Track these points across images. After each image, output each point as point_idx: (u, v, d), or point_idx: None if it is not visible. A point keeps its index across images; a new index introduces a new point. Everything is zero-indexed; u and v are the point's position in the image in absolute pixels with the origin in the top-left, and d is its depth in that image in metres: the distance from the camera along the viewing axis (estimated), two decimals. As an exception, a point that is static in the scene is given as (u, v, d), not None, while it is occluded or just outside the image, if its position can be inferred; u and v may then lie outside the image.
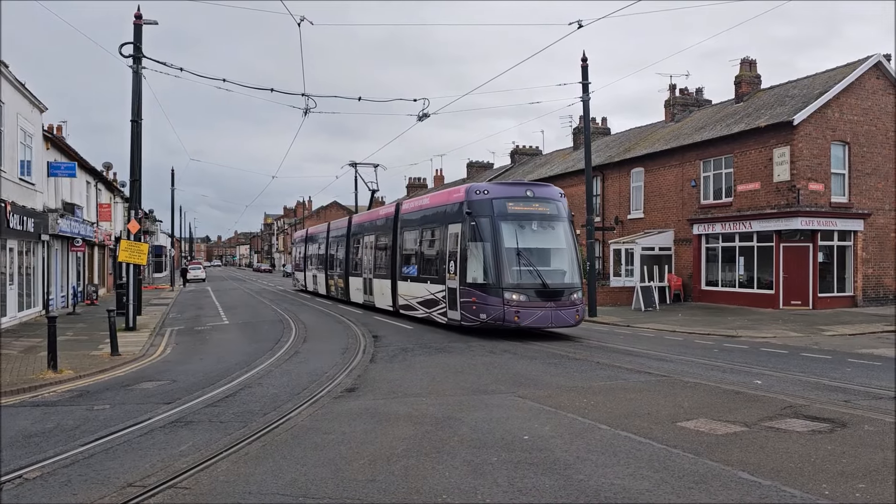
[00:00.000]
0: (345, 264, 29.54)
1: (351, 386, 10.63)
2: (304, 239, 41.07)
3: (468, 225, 16.76)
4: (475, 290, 16.47)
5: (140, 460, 6.76)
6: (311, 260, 38.67)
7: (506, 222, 16.43)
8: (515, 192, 17.19)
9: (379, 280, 24.21)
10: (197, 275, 64.11)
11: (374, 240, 25.06)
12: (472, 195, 17.11)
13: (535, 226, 16.82)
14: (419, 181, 63.50)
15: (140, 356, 14.63)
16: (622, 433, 7.51)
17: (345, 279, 29.44)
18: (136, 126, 19.14)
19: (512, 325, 15.77)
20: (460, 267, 17.01)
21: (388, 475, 6.12)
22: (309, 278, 38.96)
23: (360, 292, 26.86)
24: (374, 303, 24.77)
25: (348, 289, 28.88)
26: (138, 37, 18.69)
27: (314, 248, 37.38)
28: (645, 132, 34.60)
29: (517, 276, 16.04)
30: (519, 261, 16.12)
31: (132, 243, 18.77)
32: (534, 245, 16.67)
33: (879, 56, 25.15)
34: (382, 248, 24.07)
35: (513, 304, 15.76)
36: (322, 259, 34.97)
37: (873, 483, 5.77)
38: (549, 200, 17.27)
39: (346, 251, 29.33)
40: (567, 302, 16.23)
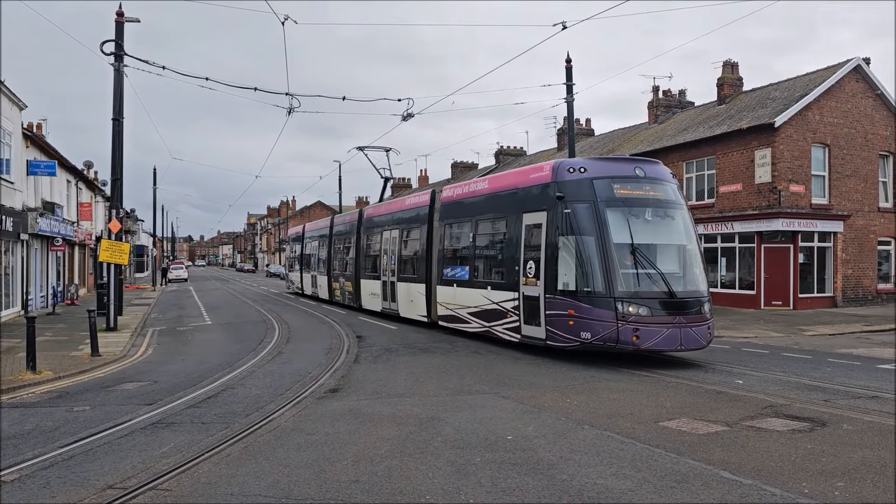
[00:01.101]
0: (354, 265, 25.49)
1: (334, 386, 10.59)
2: (301, 237, 36.81)
3: (559, 213, 12.91)
4: (572, 299, 12.47)
5: (120, 462, 6.70)
6: (308, 260, 34.64)
7: (614, 210, 12.61)
8: (622, 169, 13.28)
9: (406, 284, 20.30)
10: (179, 275, 63.82)
11: (397, 236, 21.10)
12: (564, 174, 13.16)
13: (649, 215, 12.96)
14: (404, 181, 63.42)
15: (121, 357, 14.49)
16: (605, 433, 7.55)
17: (354, 282, 25.34)
18: (118, 124, 18.95)
19: (628, 346, 11.86)
20: (546, 269, 13.12)
21: (372, 476, 6.11)
22: (306, 280, 34.88)
23: (375, 298, 22.89)
24: (399, 311, 20.84)
25: (359, 293, 24.82)
26: (120, 34, 18.52)
27: (313, 246, 33.45)
28: (628, 133, 34.80)
29: (634, 281, 12.33)
30: (636, 261, 12.43)
31: (113, 243, 18.60)
32: (651, 240, 12.82)
33: (859, 60, 25.48)
34: (411, 245, 20.37)
35: (630, 318, 11.84)
36: (323, 259, 30.95)
37: (852, 481, 5.84)
38: (663, 182, 13.36)
39: (355, 249, 25.46)
40: (698, 316, 12.34)
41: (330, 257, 29.58)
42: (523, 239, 14.04)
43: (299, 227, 39.42)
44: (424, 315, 19.03)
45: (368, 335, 17.65)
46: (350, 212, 28.41)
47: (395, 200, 23.44)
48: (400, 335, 17.57)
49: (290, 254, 41.20)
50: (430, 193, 19.38)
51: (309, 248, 34.56)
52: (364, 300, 24.36)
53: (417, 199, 20.56)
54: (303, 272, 35.82)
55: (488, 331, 15.49)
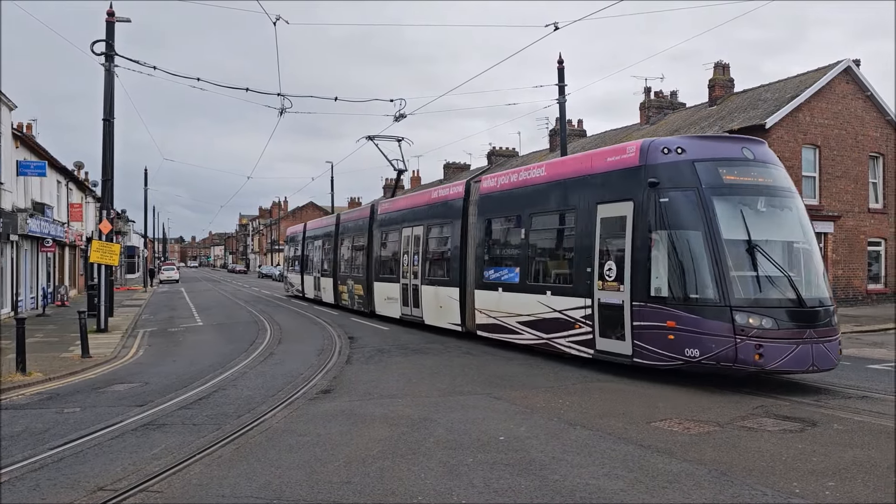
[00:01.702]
0: (366, 266, 22.97)
1: (326, 387, 10.57)
2: (301, 236, 34.16)
3: (652, 203, 10.78)
4: (672, 308, 10.36)
5: (111, 464, 6.66)
6: (310, 261, 32.14)
7: (723, 199, 10.58)
8: (727, 150, 11.22)
9: (433, 288, 17.99)
10: (170, 276, 63.91)
11: (421, 233, 18.75)
12: (657, 155, 11.02)
13: (762, 205, 10.78)
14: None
15: (112, 358, 14.42)
16: (597, 433, 7.56)
17: (366, 285, 22.92)
18: (109, 125, 18.86)
19: (749, 366, 9.67)
20: (634, 271, 10.93)
21: (364, 477, 6.09)
22: (308, 283, 32.41)
23: (392, 303, 20.50)
24: (423, 318, 18.50)
25: (371, 298, 22.46)
26: (111, 34, 18.45)
27: (315, 246, 30.99)
28: (620, 134, 34.88)
29: (754, 286, 10.16)
30: (754, 262, 10.20)
31: (104, 244, 18.52)
32: (767, 236, 10.57)
33: (849, 61, 25.62)
34: (440, 243, 18.18)
35: (751, 332, 9.65)
36: (328, 260, 28.60)
37: (843, 481, 5.87)
38: (773, 165, 11.33)
39: (367, 249, 22.99)
40: (829, 329, 10.22)
41: (336, 258, 27.19)
42: (598, 235, 11.84)
43: (299, 226, 36.77)
44: (457, 323, 16.78)
45: (360, 336, 17.62)
46: (359, 208, 26.66)
47: (418, 193, 20.87)
48: (392, 336, 17.55)
49: (289, 254, 38.43)
50: (463, 184, 17.26)
51: (311, 248, 32.23)
52: (378, 305, 22.01)
53: (448, 191, 18.14)
54: (304, 274, 33.51)
55: (546, 343, 13.20)
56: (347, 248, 25.99)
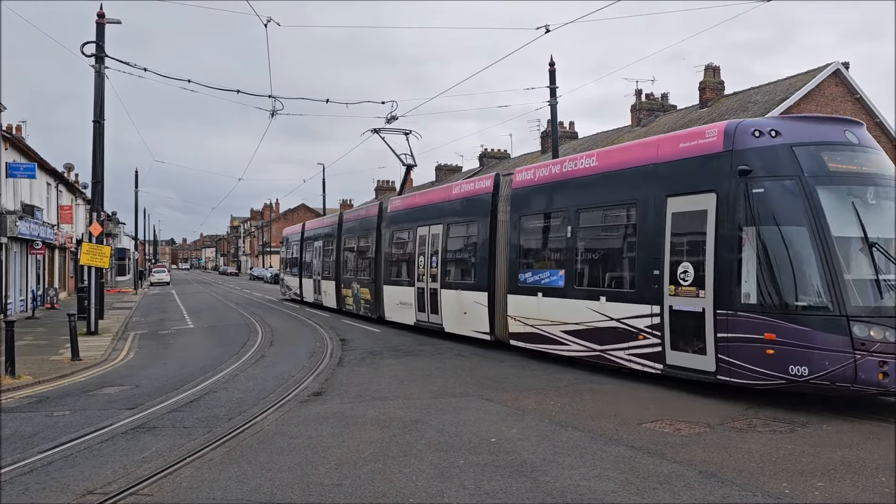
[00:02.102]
0: (374, 268, 21.19)
1: (318, 390, 10.55)
2: (300, 237, 31.94)
3: (741, 194, 9.36)
4: (771, 318, 8.90)
5: (101, 467, 6.63)
6: (310, 262, 30.01)
7: (829, 190, 9.17)
8: (829, 133, 9.75)
9: (455, 292, 16.33)
10: (161, 278, 63.77)
11: (440, 232, 17.09)
12: (748, 139, 9.55)
13: (871, 197, 9.31)
14: (388, 184, 63.33)
15: (102, 361, 14.36)
16: (588, 435, 7.58)
17: (374, 289, 21.10)
18: (99, 127, 18.80)
19: (871, 387, 8.34)
20: (719, 274, 9.48)
21: (355, 479, 6.09)
22: (307, 286, 30.25)
23: (406, 308, 18.75)
24: (443, 325, 16.87)
25: (380, 302, 20.65)
26: (101, 36, 18.39)
27: (316, 247, 28.89)
28: (612, 136, 34.98)
29: (874, 292, 8.78)
30: (873, 264, 8.83)
31: (94, 246, 18.43)
32: (882, 233, 9.08)
33: (838, 64, 25.78)
34: (464, 243, 16.54)
35: (873, 346, 8.27)
36: (330, 261, 26.51)
37: (832, 481, 5.90)
38: (876, 151, 9.93)
39: (375, 250, 21.22)
40: None
41: (339, 260, 25.31)
42: (669, 232, 10.31)
43: (296, 226, 34.38)
44: (485, 331, 15.11)
45: (352, 338, 17.60)
46: (364, 205, 25.21)
47: (436, 189, 19.35)
48: (384, 338, 17.53)
49: (286, 256, 35.87)
50: (492, 178, 15.64)
51: (310, 249, 30.08)
52: (387, 310, 20.23)
53: (473, 185, 16.56)
54: (303, 276, 31.21)
55: (600, 356, 11.65)
56: (352, 249, 24.15)
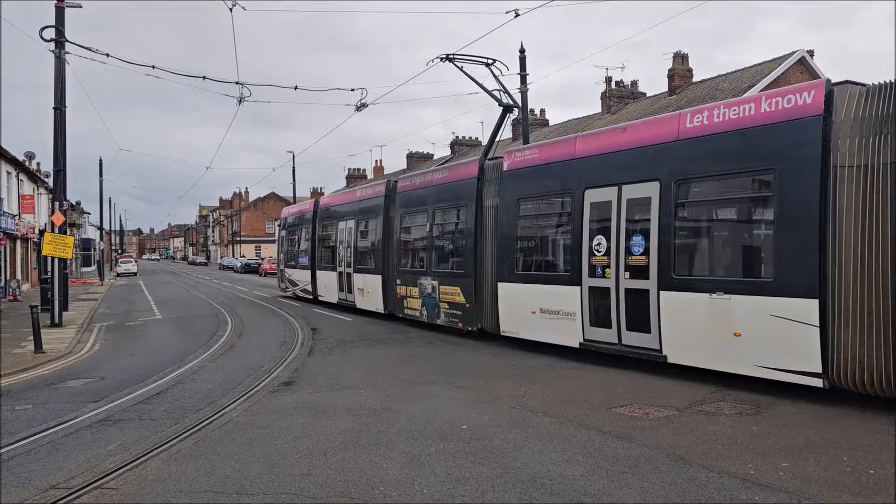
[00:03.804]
0: (476, 257, 14.63)
1: (288, 379, 10.46)
2: (313, 217, 25.12)
3: None
4: None
5: (64, 461, 6.50)
6: (331, 251, 23.32)
7: None
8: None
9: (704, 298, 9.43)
10: (128, 268, 62.89)
11: (646, 198, 10.38)
12: None
13: None
14: (359, 171, 62.99)
15: (66, 353, 14.07)
16: (559, 420, 7.62)
17: (475, 287, 14.54)
18: (60, 114, 18.32)
19: None
20: None
21: (325, 469, 6.05)
22: (326, 281, 23.58)
23: (560, 320, 11.92)
24: (661, 349, 10.09)
25: (493, 308, 13.86)
26: (60, 20, 17.89)
27: (342, 230, 22.09)
28: (582, 123, 35.13)
29: None
30: None
31: (57, 236, 18.04)
32: None
33: (803, 52, 26.13)
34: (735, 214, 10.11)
35: None
36: (368, 248, 20.14)
37: (796, 462, 6.01)
38: None
39: (478, 231, 14.55)
40: None
41: (388, 246, 18.59)
42: None
43: (305, 204, 28.02)
44: (816, 371, 8.20)
45: (323, 327, 17.49)
46: (438, 167, 17.71)
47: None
48: (355, 327, 17.45)
49: (288, 243, 28.61)
50: (821, 85, 8.57)
51: (330, 232, 23.30)
52: (513, 321, 13.29)
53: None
54: (316, 268, 24.68)
55: None
56: (419, 230, 17.40)
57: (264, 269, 57.81)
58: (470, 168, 15.06)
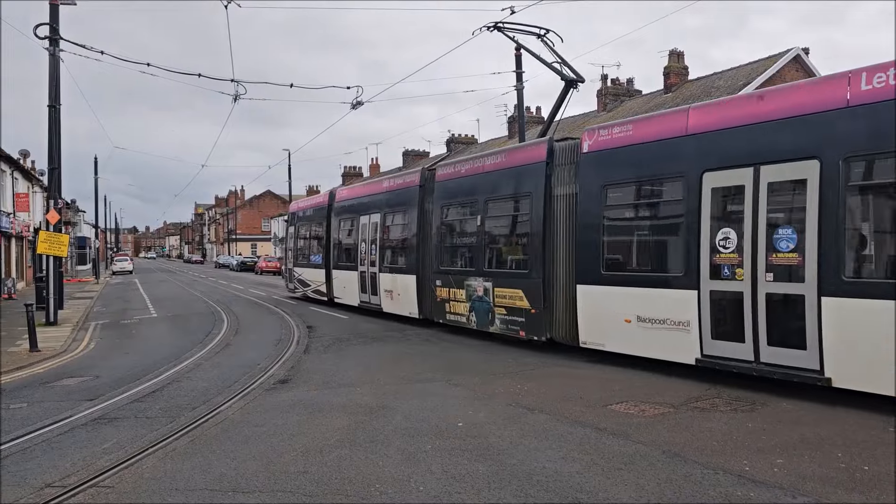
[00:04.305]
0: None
1: (284, 377, 10.46)
2: (328, 211, 22.39)
3: None
4: None
5: (60, 460, 6.49)
6: (352, 248, 20.64)
7: None
8: None
9: None
10: (124, 266, 62.88)
11: None
12: None
13: None
14: (355, 170, 62.96)
15: (61, 352, 14.04)
16: (555, 417, 7.63)
17: (540, 289, 12.31)
18: (54, 111, 18.27)
19: None
20: None
21: (321, 466, 6.05)
22: (345, 281, 20.73)
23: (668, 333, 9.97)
24: (825, 371, 8.03)
25: (569, 312, 11.81)
26: (55, 17, 17.83)
27: (363, 224, 19.51)
28: (578, 121, 35.14)
29: None
30: None
31: (52, 234, 17.99)
32: None
33: (798, 49, 26.18)
34: None
35: None
36: (406, 245, 17.35)
37: (791, 458, 6.03)
38: None
39: (540, 226, 12.37)
40: None
41: (424, 242, 16.29)
42: None
43: (319, 196, 25.40)
44: None
45: (319, 325, 17.48)
46: (501, 149, 14.78)
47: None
48: (351, 325, 17.44)
49: (299, 241, 25.85)
50: None
51: (350, 227, 20.86)
52: (591, 329, 11.34)
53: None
54: (332, 267, 22.00)
55: None
56: (467, 224, 14.93)
57: (260, 268, 57.79)
58: (536, 150, 12.77)
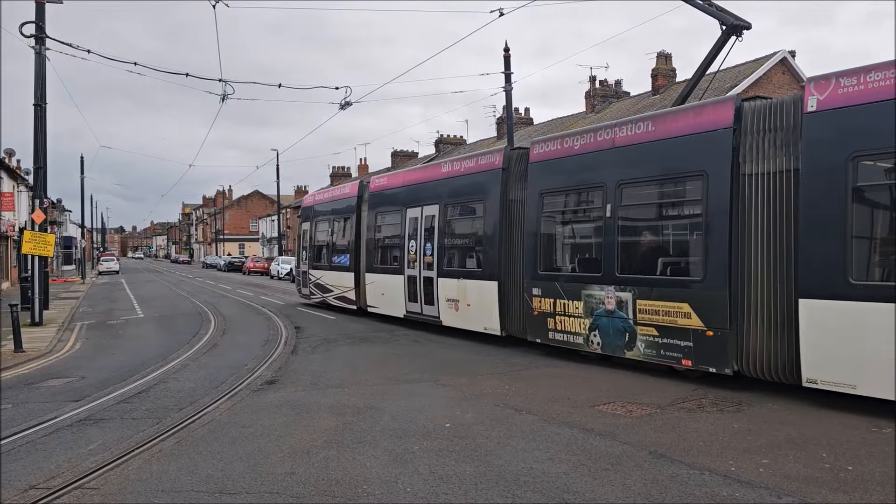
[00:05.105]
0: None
1: (271, 378, 10.42)
2: (357, 204, 19.26)
3: None
4: None
5: (45, 461, 6.43)
6: (376, 248, 18.06)
7: None
8: None
9: None
10: (111, 266, 62.54)
11: None
12: None
13: None
14: (343, 170, 62.85)
15: (47, 352, 13.93)
16: (542, 418, 7.64)
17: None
18: (40, 110, 18.14)
19: None
20: None
21: (308, 467, 6.03)
22: (377, 287, 17.72)
23: None
24: None
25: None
26: (41, 16, 17.70)
27: (390, 222, 17.40)
28: (566, 122, 35.24)
29: None
30: None
31: (37, 234, 17.85)
32: None
33: (785, 52, 26.37)
34: None
35: None
36: (444, 246, 14.98)
37: (776, 458, 6.07)
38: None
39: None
40: None
41: (508, 239, 13.10)
42: None
43: (344, 187, 21.59)
44: None
45: (307, 326, 17.43)
46: (651, 115, 10.77)
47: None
48: (339, 325, 17.40)
49: (315, 239, 22.36)
50: None
51: (388, 222, 17.63)
52: (832, 360, 7.72)
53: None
54: (365, 270, 18.57)
55: None
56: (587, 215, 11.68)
57: (248, 268, 57.62)
58: (716, 112, 9.19)
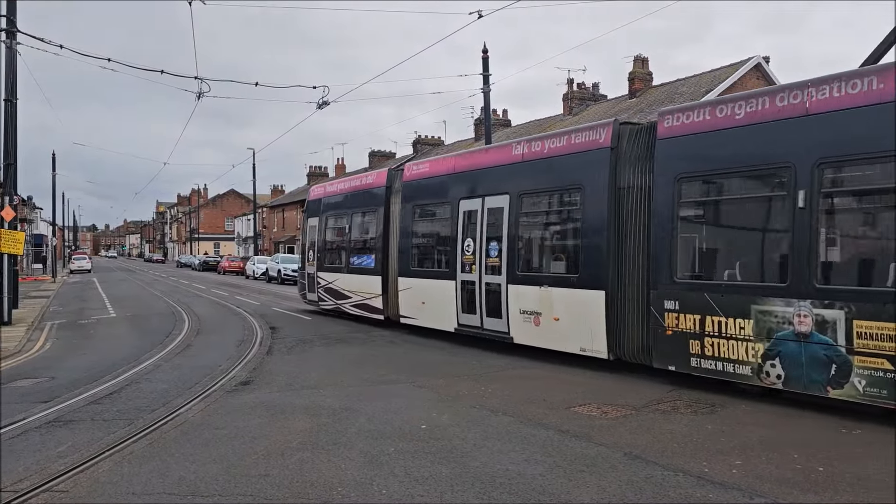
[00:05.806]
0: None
1: (245, 379, 10.32)
2: (386, 195, 16.49)
3: None
4: None
5: (12, 464, 6.30)
6: (412, 248, 15.40)
7: None
8: None
9: None
10: (82, 265, 61.59)
11: None
12: None
13: None
14: (321, 169, 62.60)
15: (15, 352, 13.67)
16: (518, 420, 7.65)
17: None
18: (11, 106, 17.85)
19: None
20: None
21: (283, 469, 5.98)
22: (415, 294, 14.98)
23: None
24: None
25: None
26: (12, 10, 17.40)
27: (436, 216, 14.88)
28: (544, 124, 35.41)
29: None
30: None
31: (7, 232, 17.53)
32: None
33: (759, 58, 26.76)
34: None
35: None
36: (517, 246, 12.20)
37: (749, 459, 6.14)
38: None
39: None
40: None
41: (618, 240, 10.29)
42: None
43: (367, 176, 18.29)
44: None
45: (282, 326, 17.30)
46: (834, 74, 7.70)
47: None
48: (315, 326, 17.30)
49: (326, 236, 19.42)
50: None
51: (432, 217, 15.14)
52: None
53: None
54: (398, 274, 15.73)
55: None
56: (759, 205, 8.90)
57: (223, 267, 57.13)
58: None
